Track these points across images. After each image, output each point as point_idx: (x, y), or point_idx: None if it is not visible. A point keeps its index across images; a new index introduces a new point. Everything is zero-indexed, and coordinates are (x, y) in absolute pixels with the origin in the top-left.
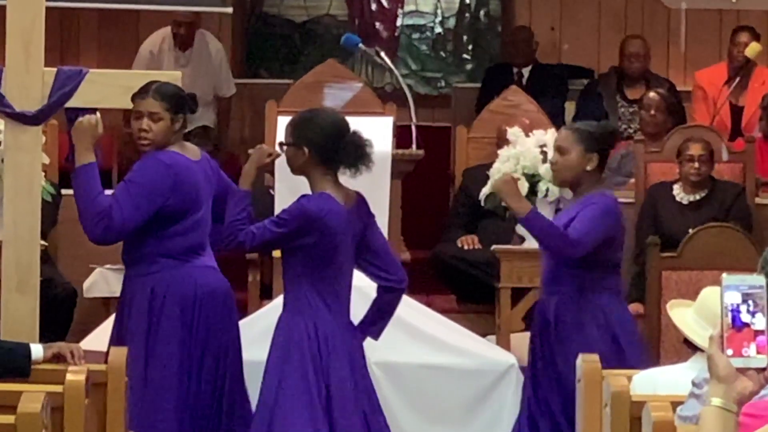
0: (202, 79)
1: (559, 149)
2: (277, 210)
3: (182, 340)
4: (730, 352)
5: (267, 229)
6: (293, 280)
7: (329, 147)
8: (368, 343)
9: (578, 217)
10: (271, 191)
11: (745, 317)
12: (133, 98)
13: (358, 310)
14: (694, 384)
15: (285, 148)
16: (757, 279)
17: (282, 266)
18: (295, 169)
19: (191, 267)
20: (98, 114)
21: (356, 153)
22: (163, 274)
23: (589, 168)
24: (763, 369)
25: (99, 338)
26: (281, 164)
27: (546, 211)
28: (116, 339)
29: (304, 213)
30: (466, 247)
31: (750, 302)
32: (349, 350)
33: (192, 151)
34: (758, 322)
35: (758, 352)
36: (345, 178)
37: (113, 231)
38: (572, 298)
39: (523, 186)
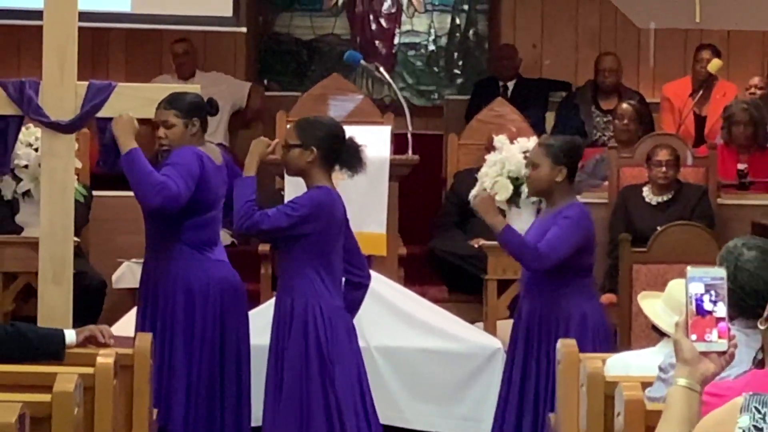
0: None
1: (530, 163)
2: None
3: (194, 325)
4: (694, 337)
5: (282, 213)
6: (300, 266)
7: (334, 148)
8: (368, 328)
9: (551, 230)
10: (282, 192)
11: (707, 306)
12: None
13: None
14: (660, 369)
15: (290, 149)
16: (719, 271)
17: (283, 255)
18: (297, 170)
19: (206, 259)
20: (131, 113)
21: (356, 155)
22: (179, 262)
23: (558, 179)
24: (724, 352)
25: (126, 325)
26: None
27: (528, 210)
28: (140, 324)
29: (315, 201)
30: (476, 246)
31: (712, 292)
32: (347, 330)
33: (215, 155)
34: (719, 310)
35: (719, 337)
36: (345, 185)
37: (172, 199)
38: (548, 300)
39: (508, 188)
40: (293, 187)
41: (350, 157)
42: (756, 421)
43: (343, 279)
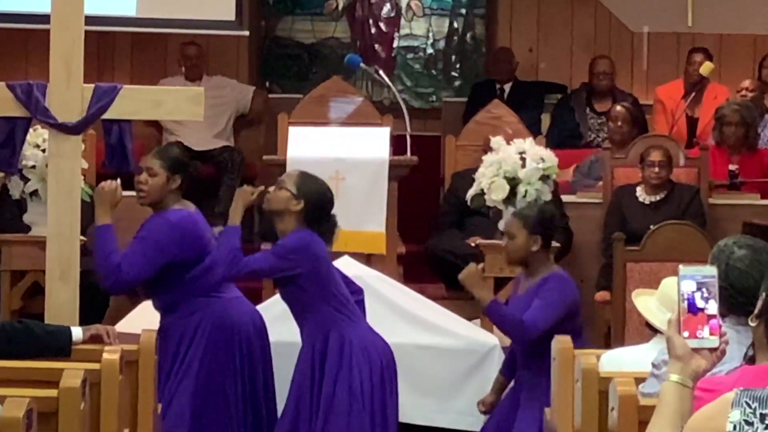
0: (217, 107)
1: (507, 234)
2: None
3: (227, 368)
4: (686, 334)
5: (269, 254)
6: (307, 309)
7: (319, 213)
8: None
9: (535, 302)
10: None
11: (699, 303)
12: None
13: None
14: (653, 365)
15: (281, 190)
16: (710, 269)
17: (291, 301)
18: (275, 209)
19: (223, 300)
20: (119, 180)
21: (333, 231)
22: (199, 314)
23: (534, 248)
24: (716, 348)
25: (131, 322)
26: (293, 167)
27: None
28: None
29: (304, 242)
30: (473, 245)
31: (704, 290)
32: (370, 351)
33: (191, 207)
34: (711, 308)
35: (711, 334)
36: (345, 183)
37: (122, 284)
38: (539, 364)
39: (504, 188)
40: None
41: (328, 229)
42: (746, 415)
43: None
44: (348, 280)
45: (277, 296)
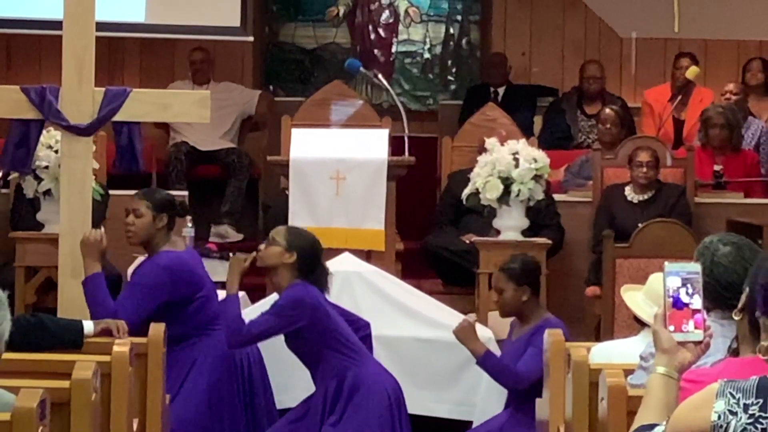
0: (223, 110)
1: (495, 289)
2: (291, 210)
3: (231, 395)
4: (672, 328)
5: (269, 316)
6: (314, 357)
7: (311, 262)
8: (368, 319)
9: (528, 351)
10: (287, 192)
11: (684, 298)
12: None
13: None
14: (641, 357)
15: (272, 245)
16: (695, 266)
17: (299, 352)
18: (269, 265)
19: (221, 335)
20: (102, 229)
21: (326, 278)
22: (199, 345)
23: (524, 299)
24: (700, 342)
25: None
26: (296, 170)
27: (518, 208)
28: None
29: (299, 298)
30: (468, 242)
31: (689, 286)
32: (380, 393)
33: (180, 245)
34: (695, 302)
35: (696, 328)
36: (346, 182)
37: None
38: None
39: (498, 187)
40: (297, 188)
41: (323, 278)
42: (731, 405)
43: None
44: (353, 317)
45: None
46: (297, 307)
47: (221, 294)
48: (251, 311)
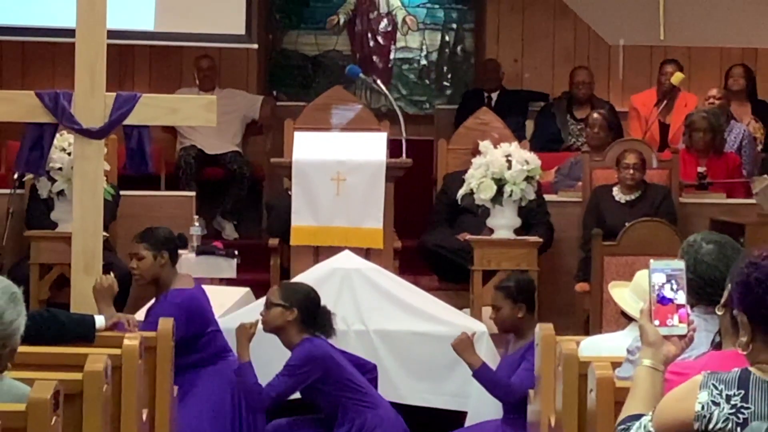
0: (228, 114)
1: (493, 307)
2: (294, 210)
3: (233, 417)
4: (657, 322)
5: (283, 377)
6: (331, 405)
7: (312, 312)
8: (367, 314)
9: (523, 365)
10: (289, 192)
11: (669, 294)
12: None
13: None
14: (628, 351)
15: (272, 307)
16: (679, 263)
17: (316, 402)
18: (274, 327)
19: (228, 362)
20: (112, 274)
21: (329, 321)
22: (205, 371)
23: (520, 315)
24: (684, 336)
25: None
26: (298, 171)
27: (510, 208)
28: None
29: (309, 356)
30: (463, 240)
31: (673, 282)
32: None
33: (188, 281)
34: (680, 298)
35: (680, 322)
36: (346, 183)
37: None
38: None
39: (492, 188)
40: (300, 188)
41: (325, 322)
42: (714, 396)
43: None
44: (361, 361)
45: None
46: (308, 363)
47: (224, 289)
48: (257, 306)
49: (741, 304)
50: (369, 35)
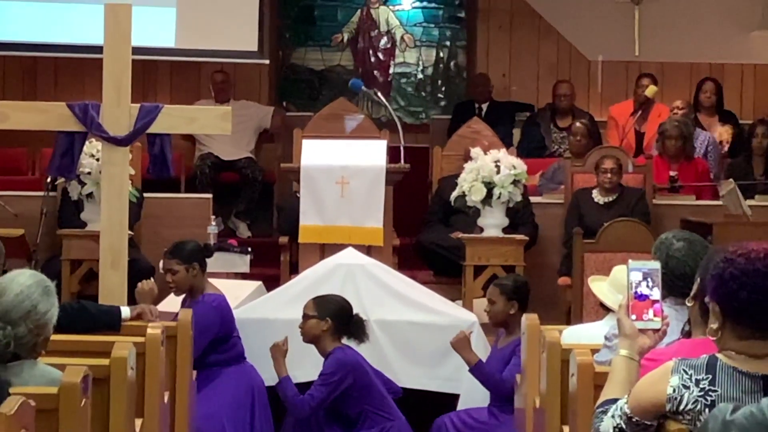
0: (242, 124)
1: (489, 301)
2: (302, 210)
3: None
4: (633, 317)
5: (320, 387)
6: (356, 414)
7: (345, 321)
8: (369, 305)
9: (513, 360)
10: (298, 195)
11: (645, 291)
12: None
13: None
14: (606, 338)
15: (308, 320)
16: (655, 263)
17: (344, 413)
18: (311, 337)
19: (244, 367)
20: (152, 280)
21: (362, 327)
22: (227, 370)
23: (512, 312)
24: (658, 330)
25: (171, 303)
26: (306, 175)
27: (499, 209)
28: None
29: (341, 363)
30: (456, 238)
31: (649, 280)
32: None
33: (215, 288)
34: (655, 294)
35: (654, 316)
36: (349, 186)
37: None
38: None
39: (482, 190)
40: (307, 191)
41: (357, 329)
42: (684, 380)
43: None
44: (386, 378)
45: (291, 282)
46: (340, 370)
47: (238, 283)
48: (268, 298)
49: (715, 295)
50: (370, 52)
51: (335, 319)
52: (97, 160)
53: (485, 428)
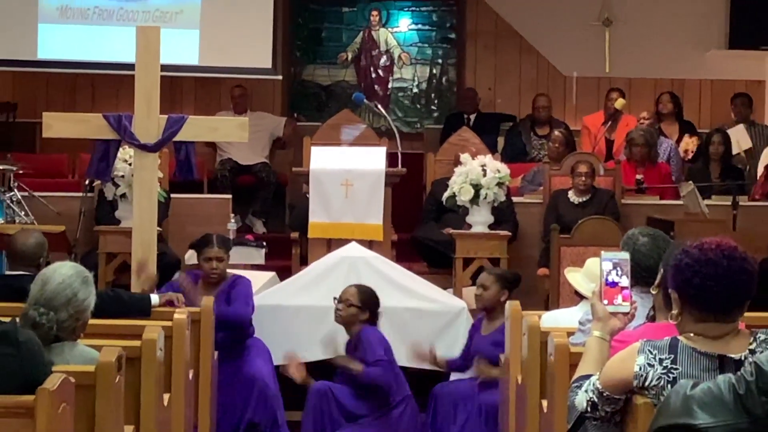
0: (257, 133)
1: (482, 286)
2: (311, 209)
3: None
4: (605, 301)
5: (377, 364)
6: (385, 393)
7: (376, 313)
8: None
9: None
10: (307, 195)
11: (615, 278)
12: (203, 247)
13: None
14: (580, 323)
15: (349, 307)
16: (624, 254)
17: (371, 393)
18: (348, 322)
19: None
20: (181, 295)
21: (378, 317)
22: (258, 340)
23: (502, 299)
24: (627, 313)
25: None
26: (314, 178)
27: (485, 208)
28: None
29: (377, 337)
30: (447, 234)
31: (618, 269)
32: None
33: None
34: (623, 281)
35: (624, 301)
36: (353, 188)
37: (247, 322)
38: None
39: (470, 191)
40: (316, 192)
41: (376, 318)
42: (649, 360)
43: None
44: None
45: (301, 272)
46: (380, 342)
47: (254, 273)
48: (281, 287)
49: (673, 283)
50: (371, 69)
51: (373, 311)
52: (130, 164)
53: (472, 394)
